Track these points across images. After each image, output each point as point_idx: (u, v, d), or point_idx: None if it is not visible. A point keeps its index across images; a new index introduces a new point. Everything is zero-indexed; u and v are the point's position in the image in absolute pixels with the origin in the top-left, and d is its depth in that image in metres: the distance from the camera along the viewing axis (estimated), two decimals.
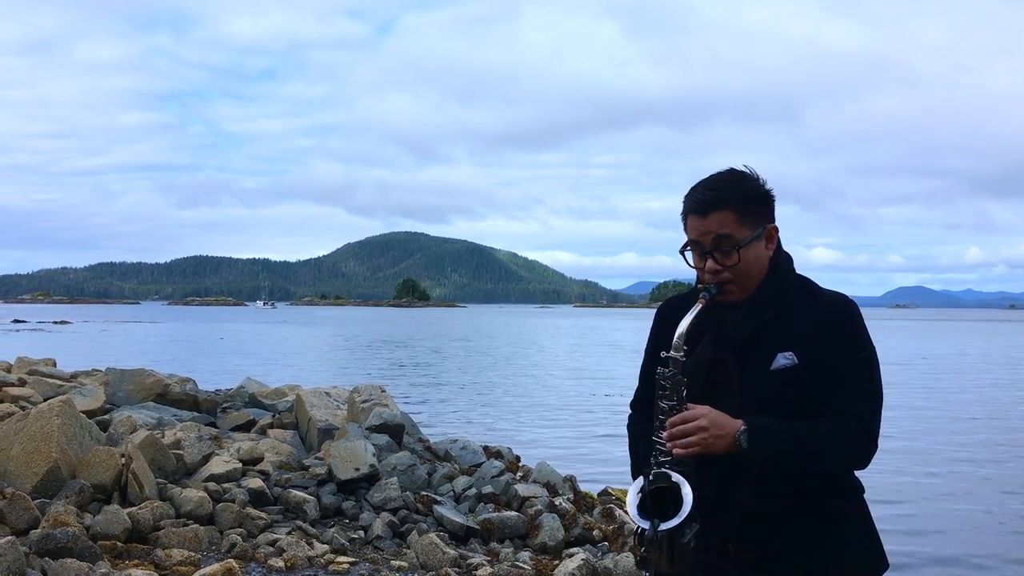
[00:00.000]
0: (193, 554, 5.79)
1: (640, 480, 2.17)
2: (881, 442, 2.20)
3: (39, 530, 5.51)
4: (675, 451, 2.13)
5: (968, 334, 78.18)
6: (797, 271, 2.35)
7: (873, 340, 2.27)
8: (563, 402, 21.27)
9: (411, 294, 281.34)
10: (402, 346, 48.93)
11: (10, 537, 5.14)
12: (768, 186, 2.28)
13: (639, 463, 2.36)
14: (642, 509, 2.14)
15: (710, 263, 2.22)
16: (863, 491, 2.32)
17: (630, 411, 2.54)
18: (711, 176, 2.28)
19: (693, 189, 2.27)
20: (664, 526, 2.08)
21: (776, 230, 2.29)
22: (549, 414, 18.96)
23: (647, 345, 2.49)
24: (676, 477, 2.13)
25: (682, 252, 2.29)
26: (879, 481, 10.43)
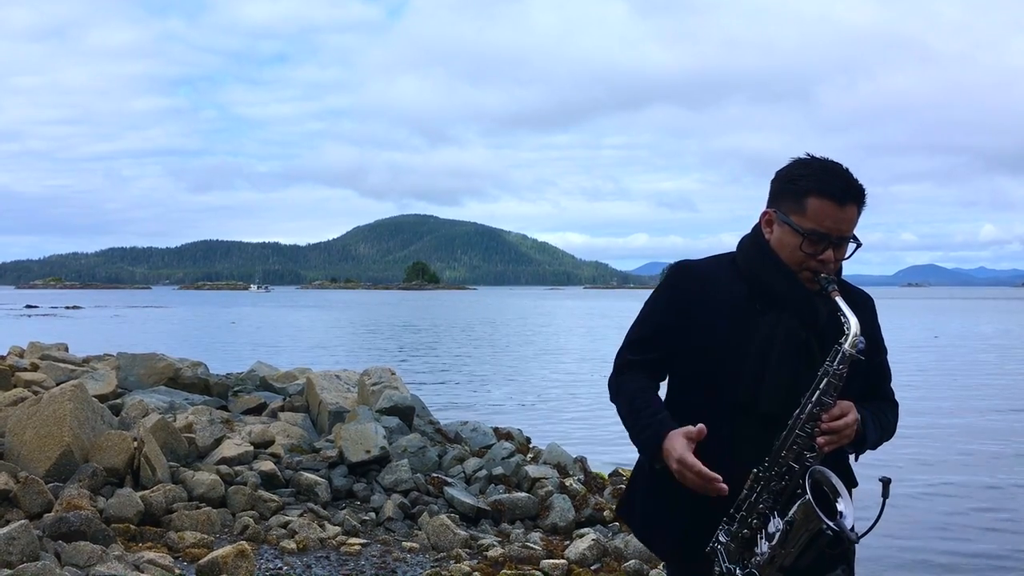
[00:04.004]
0: (206, 536, 5.83)
1: (810, 480, 2.06)
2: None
3: (53, 514, 5.55)
4: (827, 448, 2.09)
5: (979, 312, 77.82)
6: None
7: (884, 320, 2.34)
8: (573, 384, 21.29)
9: (421, 277, 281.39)
10: (411, 329, 49.00)
11: (24, 521, 5.17)
12: None
13: (650, 426, 2.19)
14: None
15: (828, 254, 2.16)
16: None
17: (617, 373, 2.37)
18: (836, 163, 2.19)
19: (831, 174, 2.16)
20: (847, 523, 2.01)
21: None
22: (559, 395, 18.98)
23: (661, 306, 2.34)
24: (834, 477, 2.07)
25: (804, 234, 2.15)
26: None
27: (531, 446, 9.27)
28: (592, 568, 5.84)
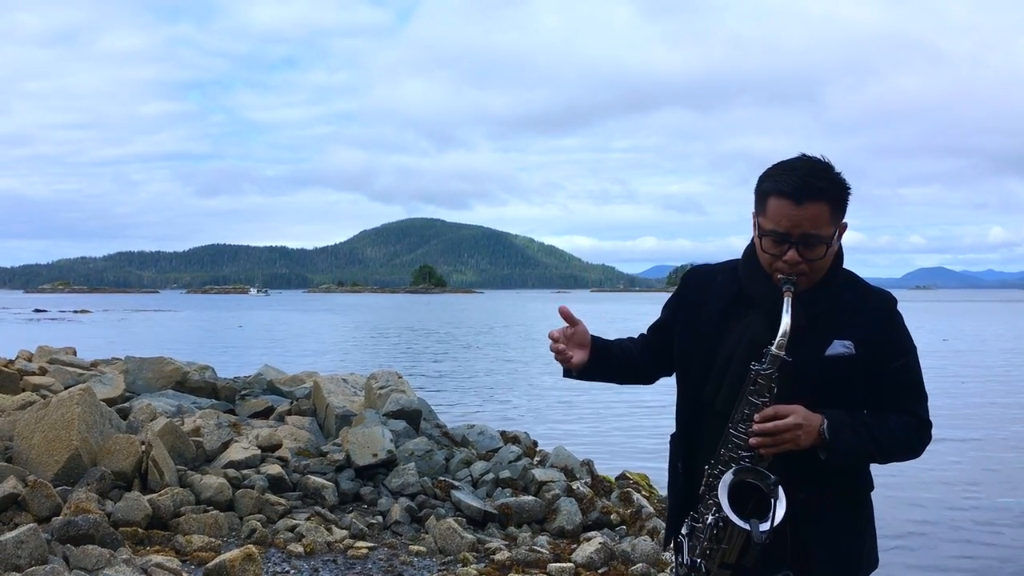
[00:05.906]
0: (213, 540, 5.84)
1: (729, 477, 2.08)
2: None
3: (61, 517, 5.57)
4: (764, 450, 2.06)
5: (987, 315, 77.52)
6: None
7: None
8: (580, 387, 21.26)
9: (428, 280, 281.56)
10: (418, 333, 49.00)
11: (32, 524, 5.19)
12: None
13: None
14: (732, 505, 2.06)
15: (792, 254, 2.12)
16: (873, 487, 2.31)
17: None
18: (804, 161, 2.15)
19: (788, 172, 2.13)
20: (764, 527, 2.00)
21: (846, 226, 2.21)
22: (566, 399, 18.96)
23: (666, 308, 2.46)
24: (772, 478, 2.06)
25: (760, 237, 2.16)
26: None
27: (538, 449, 9.26)
28: (599, 572, 5.83)
